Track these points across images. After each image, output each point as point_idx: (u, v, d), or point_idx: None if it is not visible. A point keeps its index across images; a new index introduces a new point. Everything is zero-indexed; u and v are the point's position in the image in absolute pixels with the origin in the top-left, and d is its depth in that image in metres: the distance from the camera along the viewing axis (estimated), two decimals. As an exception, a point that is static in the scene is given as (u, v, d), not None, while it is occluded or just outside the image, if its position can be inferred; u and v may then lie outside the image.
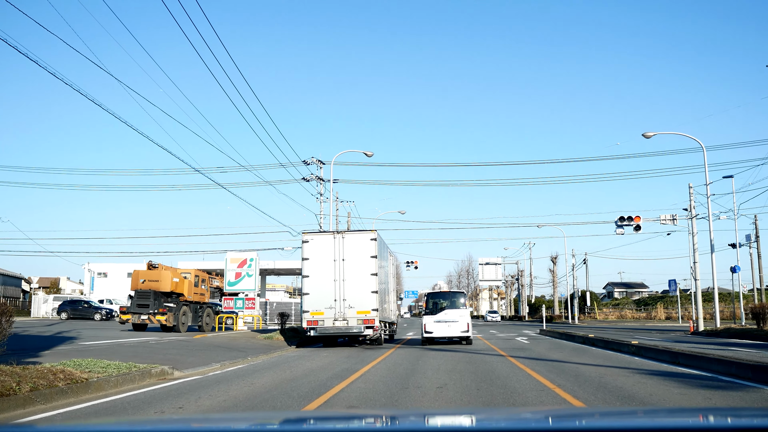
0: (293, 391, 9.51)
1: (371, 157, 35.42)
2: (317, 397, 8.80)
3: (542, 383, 9.86)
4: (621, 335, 27.20)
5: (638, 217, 32.82)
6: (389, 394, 8.93)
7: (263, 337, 23.56)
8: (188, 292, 31.32)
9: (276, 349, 19.71)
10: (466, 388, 9.46)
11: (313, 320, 20.39)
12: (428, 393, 8.97)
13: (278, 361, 16.06)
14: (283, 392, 9.48)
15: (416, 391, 9.25)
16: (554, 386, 9.40)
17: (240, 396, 9.12)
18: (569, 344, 20.39)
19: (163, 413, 7.66)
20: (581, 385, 9.65)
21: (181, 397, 9.03)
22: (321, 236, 20.87)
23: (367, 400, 8.50)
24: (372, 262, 20.41)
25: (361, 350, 19.35)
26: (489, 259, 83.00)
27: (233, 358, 15.97)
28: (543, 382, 9.96)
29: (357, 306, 20.31)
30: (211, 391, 9.74)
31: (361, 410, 7.55)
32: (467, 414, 3.98)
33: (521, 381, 10.23)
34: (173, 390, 9.93)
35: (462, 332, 20.84)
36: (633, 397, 8.37)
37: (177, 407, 8.09)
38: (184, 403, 8.45)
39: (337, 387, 9.88)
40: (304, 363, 15.11)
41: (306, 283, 20.70)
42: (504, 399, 8.30)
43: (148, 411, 7.84)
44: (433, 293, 22.19)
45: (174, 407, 8.09)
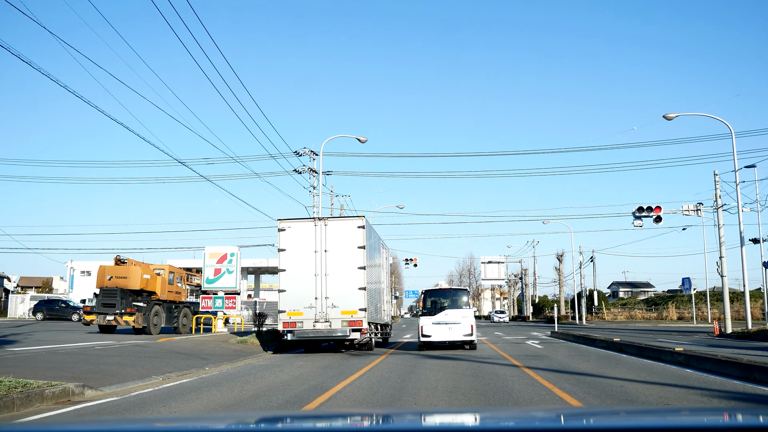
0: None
1: (365, 143, 32.40)
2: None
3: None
4: (641, 337, 24.17)
5: (659, 207, 29.76)
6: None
7: (237, 340, 20.55)
8: (161, 290, 28.36)
9: (246, 356, 16.71)
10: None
11: (290, 322, 17.36)
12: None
13: (239, 372, 13.06)
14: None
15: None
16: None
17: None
18: (592, 350, 17.33)
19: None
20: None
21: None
22: (300, 223, 17.84)
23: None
24: (359, 253, 17.38)
25: (345, 358, 16.33)
26: (491, 258, 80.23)
27: (184, 369, 12.99)
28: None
29: (342, 305, 17.28)
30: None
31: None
32: (469, 413, 3.92)
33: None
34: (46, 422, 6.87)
35: (465, 336, 17.81)
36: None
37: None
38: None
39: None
40: (268, 376, 12.10)
41: (282, 278, 17.67)
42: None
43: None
44: (432, 291, 19.17)
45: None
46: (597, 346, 18.58)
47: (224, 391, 9.97)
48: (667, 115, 29.12)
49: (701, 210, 30.31)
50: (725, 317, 29.31)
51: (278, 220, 17.95)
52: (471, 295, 18.28)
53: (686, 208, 30.33)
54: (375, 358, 15.79)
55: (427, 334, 17.96)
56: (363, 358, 16.12)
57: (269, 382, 11.21)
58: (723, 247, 29.50)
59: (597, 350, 17.16)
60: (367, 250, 17.61)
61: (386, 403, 8.09)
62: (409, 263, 55.70)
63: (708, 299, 51.98)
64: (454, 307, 18.45)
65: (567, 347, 18.85)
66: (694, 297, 56.54)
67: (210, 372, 13.19)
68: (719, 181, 29.95)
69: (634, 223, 30.29)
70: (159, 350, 16.92)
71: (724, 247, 29.50)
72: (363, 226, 17.56)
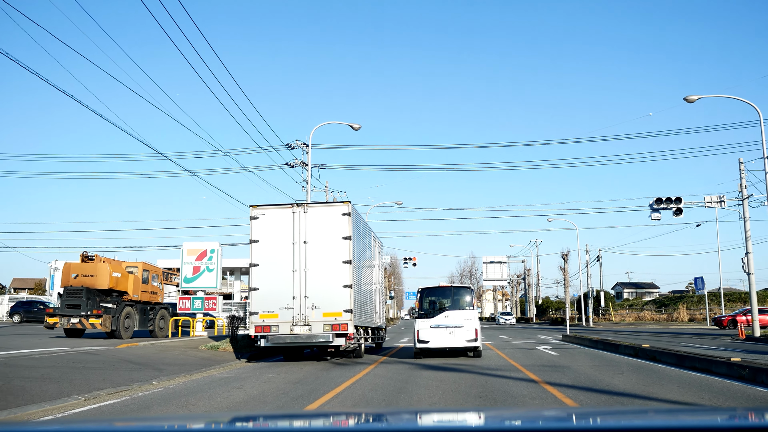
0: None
1: (358, 130, 29.94)
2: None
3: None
4: (662, 341, 21.62)
5: (679, 198, 27.18)
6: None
7: (208, 346, 18.00)
8: (134, 290, 25.83)
9: (211, 366, 14.19)
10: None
11: (264, 325, 14.81)
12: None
13: (188, 389, 10.53)
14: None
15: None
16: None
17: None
18: (619, 359, 14.73)
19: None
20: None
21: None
22: (275, 210, 15.30)
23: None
24: (345, 245, 14.84)
25: (326, 368, 13.79)
26: (493, 258, 77.82)
27: (124, 384, 10.48)
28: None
29: (324, 306, 14.74)
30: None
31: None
32: (472, 412, 3.80)
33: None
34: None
35: (468, 341, 15.25)
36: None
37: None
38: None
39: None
40: (219, 395, 9.57)
41: (254, 274, 15.13)
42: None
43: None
44: (430, 289, 16.59)
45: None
46: (622, 353, 15.98)
47: (156, 420, 7.42)
48: (688, 98, 26.59)
49: (725, 202, 27.72)
50: (753, 319, 26.76)
51: (250, 206, 15.41)
52: (475, 294, 15.64)
53: (709, 200, 27.74)
54: (362, 369, 13.26)
55: (425, 339, 15.39)
56: (347, 368, 13.58)
57: (217, 404, 8.68)
58: (749, 242, 26.89)
59: (625, 359, 14.56)
60: (354, 242, 15.08)
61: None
62: (408, 262, 53.23)
63: (722, 300, 49.39)
64: (455, 307, 15.89)
65: (587, 354, 16.28)
66: (705, 298, 54.03)
67: (154, 388, 10.65)
68: (744, 170, 27.37)
69: (651, 216, 27.73)
70: (110, 359, 14.39)
71: (750, 242, 26.89)
72: (349, 213, 15.02)
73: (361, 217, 16.83)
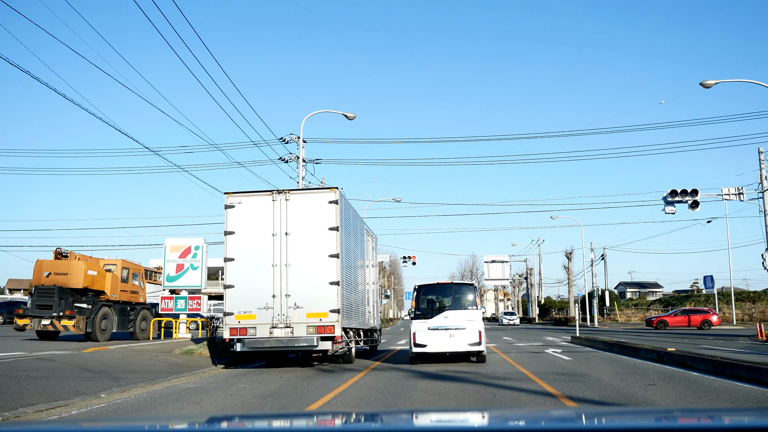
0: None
1: (353, 119, 28.27)
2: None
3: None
4: (677, 343, 19.91)
5: (695, 190, 25.47)
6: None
7: (183, 350, 16.30)
8: (112, 289, 24.16)
9: (182, 373, 12.51)
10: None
11: (240, 327, 13.11)
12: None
13: (144, 403, 8.87)
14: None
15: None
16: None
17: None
18: (643, 365, 12.98)
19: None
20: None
21: None
22: (253, 198, 13.59)
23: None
24: (332, 237, 13.13)
25: (309, 376, 12.08)
26: (495, 257, 76.28)
27: (63, 398, 8.84)
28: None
29: (307, 306, 13.03)
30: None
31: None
32: (471, 413, 3.66)
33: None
34: None
35: (471, 345, 13.54)
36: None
37: None
38: None
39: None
40: (174, 413, 7.84)
41: (229, 270, 13.42)
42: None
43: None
44: (428, 286, 14.86)
45: None
46: (644, 358, 14.24)
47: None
48: (704, 83, 24.85)
49: (744, 194, 25.99)
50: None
51: (225, 193, 13.70)
52: (480, 292, 13.90)
53: (726, 192, 26.02)
54: (349, 377, 11.55)
55: (422, 342, 13.67)
56: (332, 377, 11.87)
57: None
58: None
59: (650, 365, 12.81)
60: (342, 233, 13.38)
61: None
62: (407, 261, 51.44)
63: (733, 299, 47.78)
64: (456, 307, 14.17)
65: (604, 359, 14.54)
66: (715, 297, 52.36)
67: (98, 403, 8.96)
68: (765, 160, 25.65)
69: (665, 210, 26.02)
70: (64, 366, 12.69)
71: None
72: (336, 200, 13.31)
73: (351, 207, 15.13)
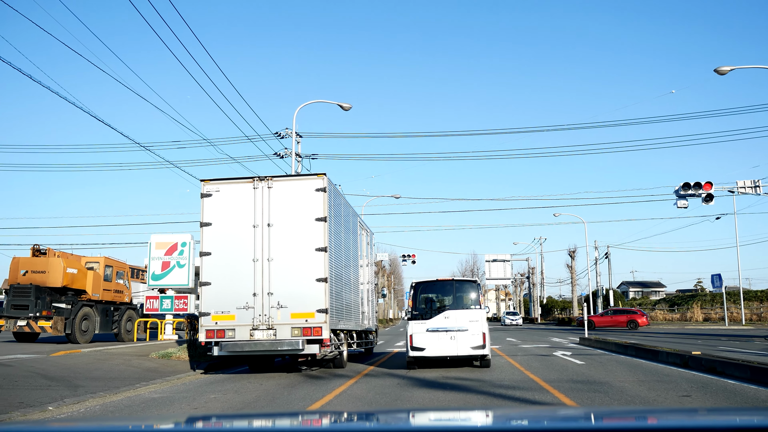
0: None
1: (348, 110, 26.96)
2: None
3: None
4: (692, 344, 18.59)
5: (709, 183, 24.14)
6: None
7: (160, 354, 14.99)
8: (94, 288, 22.89)
9: (152, 379, 11.21)
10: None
11: (217, 329, 11.79)
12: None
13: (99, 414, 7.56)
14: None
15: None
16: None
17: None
18: (667, 370, 11.63)
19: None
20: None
21: None
22: (232, 186, 12.27)
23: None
24: (319, 229, 11.81)
25: (293, 384, 10.77)
26: (496, 256, 75.03)
27: (5, 411, 7.50)
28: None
29: (292, 305, 11.71)
30: None
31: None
32: (472, 412, 3.68)
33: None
34: None
35: (474, 348, 12.21)
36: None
37: None
38: None
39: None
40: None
41: (206, 265, 12.10)
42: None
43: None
44: (426, 283, 13.50)
45: None
46: (664, 362, 12.88)
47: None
48: (719, 69, 23.55)
49: (760, 187, 24.66)
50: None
51: (202, 181, 12.37)
52: (482, 290, 12.57)
53: (742, 185, 24.69)
54: (337, 386, 10.24)
55: (420, 345, 12.33)
56: (319, 385, 10.56)
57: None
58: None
59: (675, 371, 11.46)
60: (330, 224, 12.06)
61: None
62: (407, 260, 50.24)
63: (741, 298, 46.44)
64: (458, 306, 12.83)
65: (620, 364, 13.20)
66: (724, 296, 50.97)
67: (44, 417, 7.64)
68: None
69: (677, 204, 24.69)
70: (21, 373, 11.39)
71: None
72: (323, 188, 11.98)
73: (342, 197, 13.80)
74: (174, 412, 8.00)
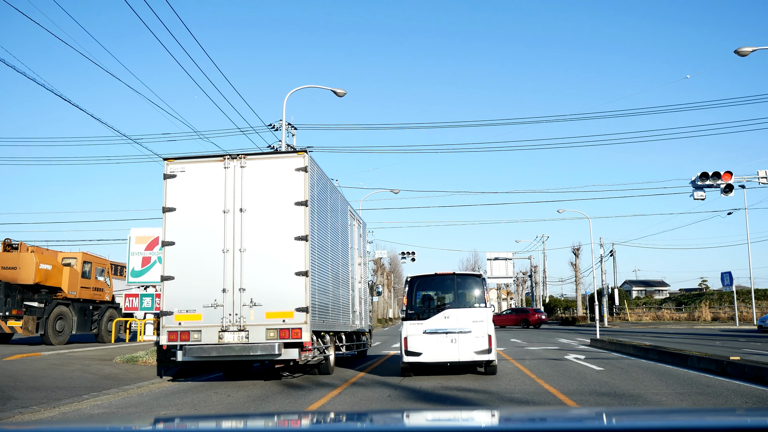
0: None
1: (343, 96, 25.30)
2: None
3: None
4: (708, 346, 17.01)
5: (728, 173, 22.52)
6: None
7: (126, 358, 13.38)
8: (70, 286, 21.34)
9: (106, 389, 9.63)
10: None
11: (181, 331, 10.18)
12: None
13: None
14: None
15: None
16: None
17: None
18: (704, 379, 10.01)
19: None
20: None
21: None
22: (200, 165, 10.66)
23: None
24: (299, 214, 10.20)
25: (267, 395, 9.17)
26: (498, 254, 73.59)
27: None
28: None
29: (267, 303, 10.10)
30: None
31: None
32: (472, 413, 3.62)
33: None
34: None
35: (478, 352, 10.60)
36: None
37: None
38: None
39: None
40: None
41: (169, 257, 10.49)
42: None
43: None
44: (423, 278, 11.82)
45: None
46: (696, 369, 11.24)
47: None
48: (740, 50, 21.91)
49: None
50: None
51: (164, 159, 10.75)
52: (487, 286, 10.95)
53: (763, 175, 23.07)
54: (317, 398, 8.64)
55: (416, 350, 10.70)
56: (296, 396, 8.95)
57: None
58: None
59: (715, 380, 9.82)
60: (313, 209, 10.46)
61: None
62: (406, 257, 48.55)
63: (753, 297, 44.87)
64: (459, 304, 11.20)
65: (644, 370, 11.57)
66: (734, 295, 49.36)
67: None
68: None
69: (694, 195, 23.06)
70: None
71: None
72: (305, 167, 10.37)
73: (327, 178, 12.18)
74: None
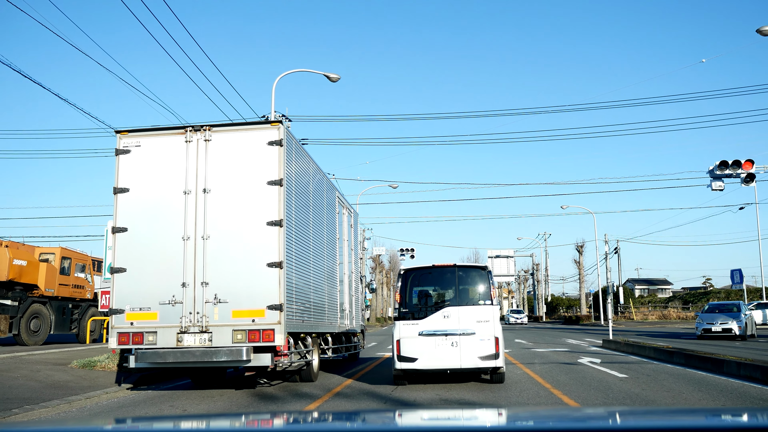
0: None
1: (336, 81, 23.78)
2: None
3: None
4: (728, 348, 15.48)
5: (749, 161, 20.99)
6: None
7: (83, 363, 11.85)
8: (47, 283, 19.95)
9: (51, 399, 8.19)
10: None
11: (134, 332, 8.66)
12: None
13: None
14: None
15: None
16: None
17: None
18: (747, 388, 8.50)
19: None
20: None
21: None
22: (158, 139, 9.13)
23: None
24: (272, 195, 8.66)
25: (235, 405, 7.63)
26: (500, 252, 71.98)
27: None
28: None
29: (234, 300, 8.56)
30: None
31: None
32: (471, 413, 3.49)
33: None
34: None
35: (484, 358, 9.07)
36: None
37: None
38: None
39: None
40: None
41: (120, 245, 8.96)
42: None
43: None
44: (419, 271, 10.22)
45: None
46: (737, 376, 9.71)
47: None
48: (761, 29, 20.38)
49: (808, 166, 21.48)
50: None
51: (117, 132, 9.21)
52: (493, 281, 9.32)
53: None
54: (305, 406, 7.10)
55: (410, 355, 9.16)
56: (269, 409, 7.42)
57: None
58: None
59: (764, 390, 8.30)
60: (290, 190, 8.93)
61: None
62: (405, 254, 47.17)
63: (764, 295, 43.34)
64: (461, 301, 9.65)
65: (676, 378, 10.04)
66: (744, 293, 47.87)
67: None
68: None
69: (712, 185, 21.53)
70: None
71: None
72: (279, 140, 8.83)
73: (309, 157, 10.63)
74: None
